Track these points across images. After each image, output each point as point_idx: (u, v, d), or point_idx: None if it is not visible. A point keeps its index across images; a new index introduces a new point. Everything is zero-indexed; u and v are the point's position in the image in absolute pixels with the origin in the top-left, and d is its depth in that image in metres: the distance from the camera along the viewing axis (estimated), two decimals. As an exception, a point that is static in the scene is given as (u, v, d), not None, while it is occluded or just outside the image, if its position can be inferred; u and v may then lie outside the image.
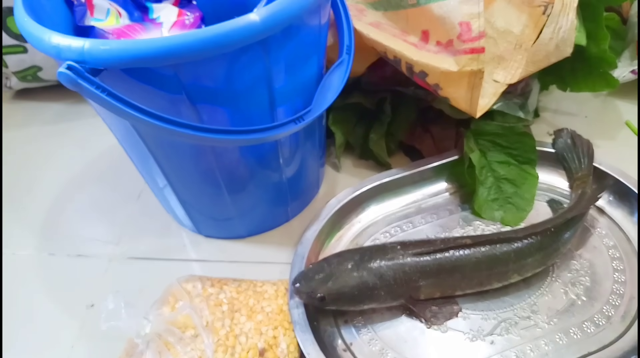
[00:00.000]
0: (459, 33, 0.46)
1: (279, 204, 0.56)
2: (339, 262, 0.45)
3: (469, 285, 0.46)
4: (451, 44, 0.47)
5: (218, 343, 0.41)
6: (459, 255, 0.45)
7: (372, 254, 0.46)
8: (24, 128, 0.77)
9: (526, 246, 0.46)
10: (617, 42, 0.65)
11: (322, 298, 0.43)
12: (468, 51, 0.45)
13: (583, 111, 0.69)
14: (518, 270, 0.46)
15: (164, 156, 0.45)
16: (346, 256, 0.46)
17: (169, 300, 0.44)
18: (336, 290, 0.44)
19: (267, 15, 0.35)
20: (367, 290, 0.44)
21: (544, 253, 0.47)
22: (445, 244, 0.45)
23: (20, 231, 0.61)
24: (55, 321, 0.51)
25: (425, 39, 0.49)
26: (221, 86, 0.38)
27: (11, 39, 0.72)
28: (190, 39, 0.33)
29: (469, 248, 0.45)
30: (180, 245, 0.58)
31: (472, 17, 0.45)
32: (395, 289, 0.45)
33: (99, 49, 0.33)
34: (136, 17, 0.52)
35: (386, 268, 0.44)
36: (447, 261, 0.45)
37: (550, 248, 0.47)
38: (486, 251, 0.45)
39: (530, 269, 0.47)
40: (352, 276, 0.44)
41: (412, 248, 0.45)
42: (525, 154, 0.54)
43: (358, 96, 0.61)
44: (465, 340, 0.45)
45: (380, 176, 0.57)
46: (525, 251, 0.46)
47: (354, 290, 0.44)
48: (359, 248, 0.49)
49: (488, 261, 0.45)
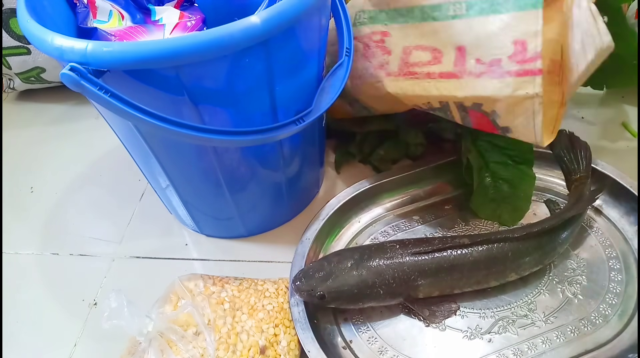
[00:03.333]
0: (512, 53, 0.40)
1: (279, 203, 0.56)
2: (339, 261, 0.46)
3: (467, 284, 0.47)
4: (498, 63, 0.41)
5: (220, 341, 0.42)
6: (457, 254, 0.46)
7: (372, 253, 0.46)
8: (27, 129, 0.78)
9: (524, 245, 0.46)
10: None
11: (322, 296, 0.44)
12: (522, 73, 0.40)
13: (581, 112, 0.69)
14: (515, 269, 0.47)
15: (166, 156, 0.46)
16: (346, 255, 0.46)
17: (171, 299, 0.44)
18: (336, 288, 0.44)
19: (268, 17, 0.35)
20: (366, 288, 0.45)
21: (541, 253, 0.47)
22: (444, 243, 0.46)
23: (23, 231, 0.61)
24: (58, 319, 0.51)
25: (462, 57, 0.43)
26: (223, 88, 0.39)
27: (14, 41, 0.72)
28: (192, 41, 0.34)
29: (467, 248, 0.46)
30: (182, 244, 0.58)
31: (529, 36, 0.39)
32: (394, 288, 0.45)
33: (101, 50, 0.34)
34: (138, 19, 0.53)
35: (385, 267, 0.45)
36: (446, 260, 0.45)
37: (548, 248, 0.47)
38: (484, 250, 0.46)
39: (527, 268, 0.47)
40: (352, 274, 0.45)
41: (411, 248, 0.46)
42: (522, 154, 0.55)
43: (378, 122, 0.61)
44: (464, 339, 0.45)
45: (379, 176, 0.57)
46: (522, 251, 0.46)
47: (354, 289, 0.44)
48: (358, 247, 0.50)
49: (486, 261, 0.46)
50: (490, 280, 0.47)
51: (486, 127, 0.47)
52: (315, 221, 0.53)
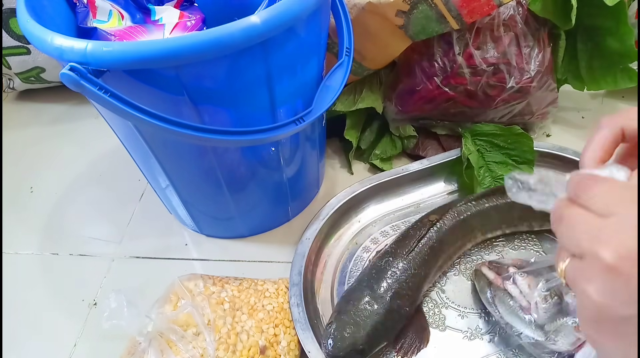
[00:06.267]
0: None
1: (279, 203, 0.56)
2: (354, 305, 0.43)
3: (463, 246, 0.50)
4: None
5: (219, 341, 0.42)
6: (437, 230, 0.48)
7: (378, 279, 0.45)
8: (27, 129, 0.78)
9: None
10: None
11: (363, 349, 0.42)
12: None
13: (581, 112, 0.69)
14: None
15: (165, 156, 0.46)
16: (357, 296, 0.44)
17: (171, 299, 0.44)
18: (372, 333, 0.42)
19: (268, 17, 0.35)
20: (393, 314, 0.43)
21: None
22: (421, 230, 0.48)
23: (23, 231, 0.61)
24: (57, 320, 0.51)
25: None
26: (222, 87, 0.39)
27: (14, 41, 0.72)
28: (192, 41, 0.34)
29: (441, 221, 0.48)
30: (182, 244, 0.58)
31: None
32: (412, 295, 0.45)
33: (101, 50, 0.33)
34: (138, 19, 0.52)
35: (398, 285, 0.44)
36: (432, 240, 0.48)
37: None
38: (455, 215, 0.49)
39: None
40: (376, 310, 0.43)
41: (401, 251, 0.46)
42: (523, 154, 0.55)
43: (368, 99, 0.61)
44: (464, 339, 0.45)
45: (379, 176, 0.57)
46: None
47: (387, 322, 0.43)
48: (361, 281, 0.46)
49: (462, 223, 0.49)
50: (477, 234, 0.50)
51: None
52: (315, 221, 0.53)
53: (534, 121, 0.62)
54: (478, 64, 0.54)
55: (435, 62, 0.55)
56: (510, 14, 0.53)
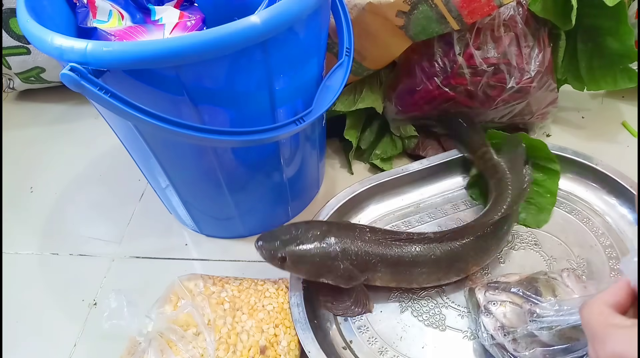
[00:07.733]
0: None
1: (279, 203, 0.56)
2: (307, 229, 0.46)
3: (427, 280, 0.47)
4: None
5: (220, 341, 0.42)
6: (420, 250, 0.45)
7: (340, 229, 0.46)
8: (27, 129, 0.78)
9: (484, 239, 0.47)
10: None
11: (283, 258, 0.44)
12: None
13: (581, 112, 0.69)
14: (478, 262, 0.48)
15: (165, 156, 0.46)
16: (315, 225, 0.46)
17: (171, 299, 0.44)
18: (298, 253, 0.44)
19: (267, 17, 0.35)
20: (327, 259, 0.44)
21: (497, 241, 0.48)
22: (410, 237, 0.46)
23: (23, 231, 0.61)
24: (57, 319, 0.51)
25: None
26: (222, 87, 0.39)
27: (14, 41, 0.72)
28: (192, 41, 0.34)
29: (431, 244, 0.46)
30: (182, 244, 0.58)
31: None
32: (355, 265, 0.45)
33: (101, 50, 0.33)
34: (138, 19, 0.52)
35: (350, 244, 0.45)
36: (408, 254, 0.45)
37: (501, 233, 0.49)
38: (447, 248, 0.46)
39: (487, 260, 0.49)
40: (317, 243, 0.44)
41: (380, 235, 0.46)
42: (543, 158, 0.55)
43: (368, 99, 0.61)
44: (464, 339, 0.45)
45: (379, 176, 0.57)
46: (483, 246, 0.47)
47: (315, 257, 0.44)
48: (329, 221, 0.49)
49: (447, 259, 0.46)
50: (451, 276, 0.48)
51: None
52: (315, 221, 0.53)
53: (534, 121, 0.62)
54: (478, 64, 0.54)
55: (435, 62, 0.55)
56: (511, 14, 0.53)
